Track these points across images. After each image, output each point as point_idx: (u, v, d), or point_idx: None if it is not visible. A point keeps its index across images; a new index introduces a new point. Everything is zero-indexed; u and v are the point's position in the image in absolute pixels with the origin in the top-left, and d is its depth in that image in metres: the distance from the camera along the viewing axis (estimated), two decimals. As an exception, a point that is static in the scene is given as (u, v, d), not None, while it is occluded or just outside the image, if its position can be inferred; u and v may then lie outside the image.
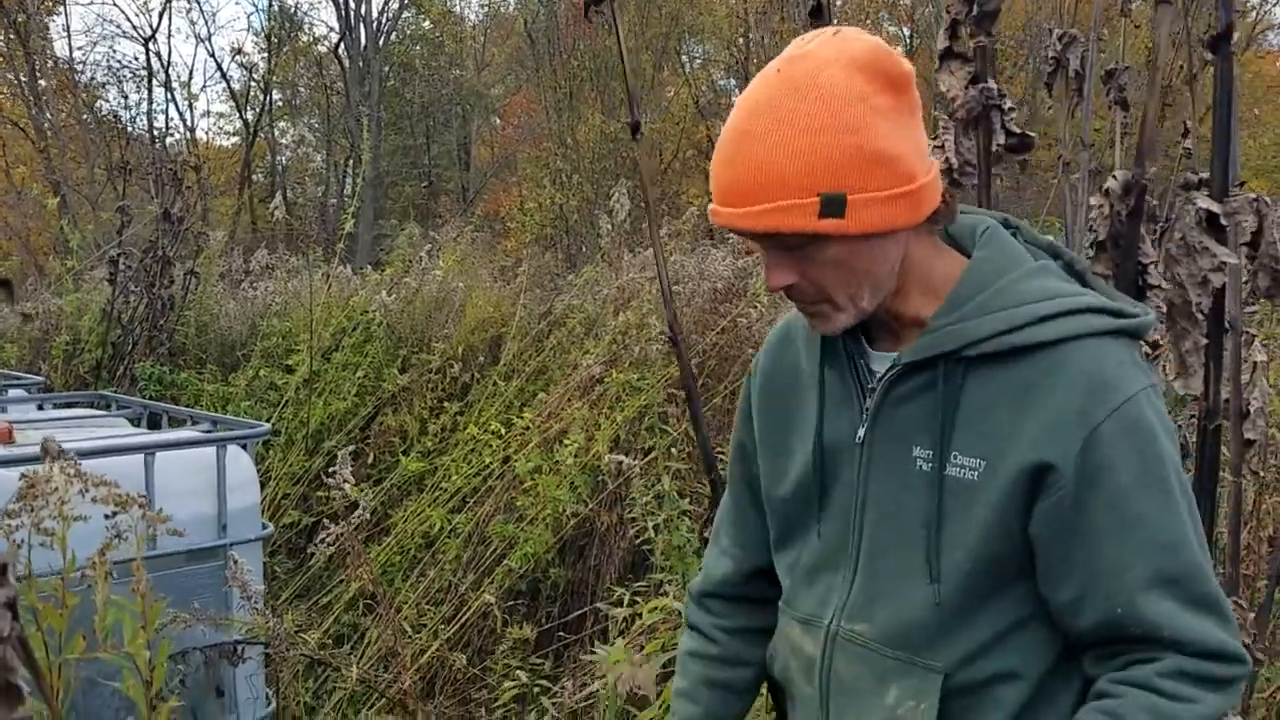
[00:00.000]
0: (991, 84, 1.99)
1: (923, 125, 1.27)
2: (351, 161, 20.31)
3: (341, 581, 5.03)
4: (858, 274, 1.25)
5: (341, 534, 2.55)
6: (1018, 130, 2.02)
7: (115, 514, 1.17)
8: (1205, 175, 1.96)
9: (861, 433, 1.33)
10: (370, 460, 6.13)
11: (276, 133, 22.66)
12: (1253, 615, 2.13)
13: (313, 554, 5.24)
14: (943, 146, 1.94)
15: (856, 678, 1.33)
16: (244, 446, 3.36)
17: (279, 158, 23.05)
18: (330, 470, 2.75)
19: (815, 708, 1.38)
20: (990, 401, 1.24)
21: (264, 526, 3.37)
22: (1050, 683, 1.29)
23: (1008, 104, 2.03)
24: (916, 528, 1.27)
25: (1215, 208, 1.87)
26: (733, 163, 1.21)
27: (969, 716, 1.28)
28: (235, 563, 2.61)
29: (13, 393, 4.66)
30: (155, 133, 18.09)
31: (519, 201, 13.65)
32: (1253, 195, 1.92)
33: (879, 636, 1.31)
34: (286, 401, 6.47)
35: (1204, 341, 1.91)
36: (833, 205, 1.18)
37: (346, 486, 2.59)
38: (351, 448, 3.42)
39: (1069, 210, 3.00)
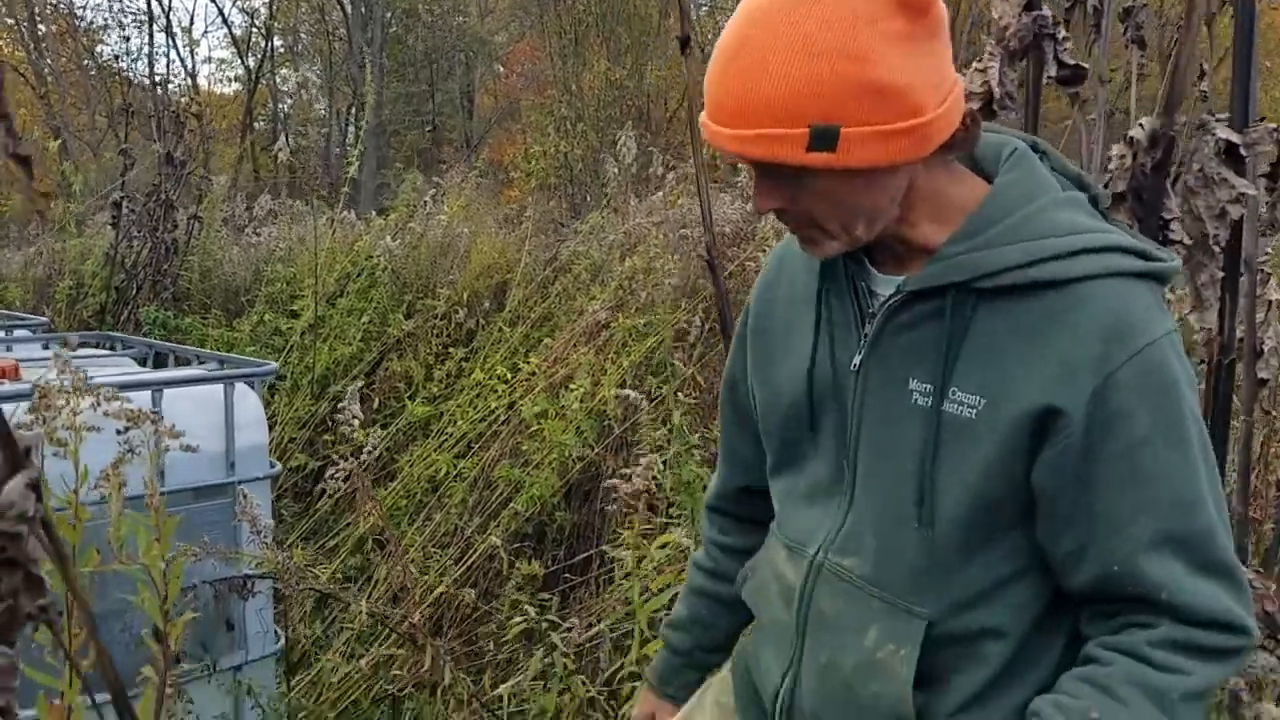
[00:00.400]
0: (1046, 11, 1.93)
1: (946, 46, 1.16)
2: (354, 110, 20.15)
3: (348, 525, 5.06)
4: (850, 206, 1.17)
5: (351, 470, 2.55)
6: (1071, 62, 1.96)
7: (128, 429, 1.17)
8: (1222, 116, 1.94)
9: (858, 360, 1.26)
10: (376, 405, 6.14)
11: (278, 80, 22.47)
12: (1275, 586, 2.11)
13: (320, 496, 5.28)
14: (985, 71, 1.88)
15: (839, 613, 1.28)
16: (251, 385, 3.36)
17: (281, 105, 22.87)
18: (340, 406, 2.75)
19: (790, 636, 1.35)
20: (1000, 337, 1.17)
21: (272, 465, 3.38)
22: (1034, 642, 1.24)
23: (1061, 33, 1.96)
24: (910, 464, 1.21)
25: (1235, 138, 1.84)
26: (723, 77, 1.13)
27: (953, 669, 1.24)
28: (245, 497, 2.62)
29: (18, 332, 4.66)
30: (156, 78, 17.92)
31: (523, 148, 13.56)
32: (1273, 126, 1.90)
33: (867, 574, 1.26)
34: (291, 347, 6.47)
35: (1220, 275, 1.89)
36: (824, 138, 1.09)
37: (355, 423, 2.59)
38: (359, 384, 3.42)
39: (1084, 149, 2.97)
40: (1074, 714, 1.14)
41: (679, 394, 4.22)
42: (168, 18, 18.76)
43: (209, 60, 42.43)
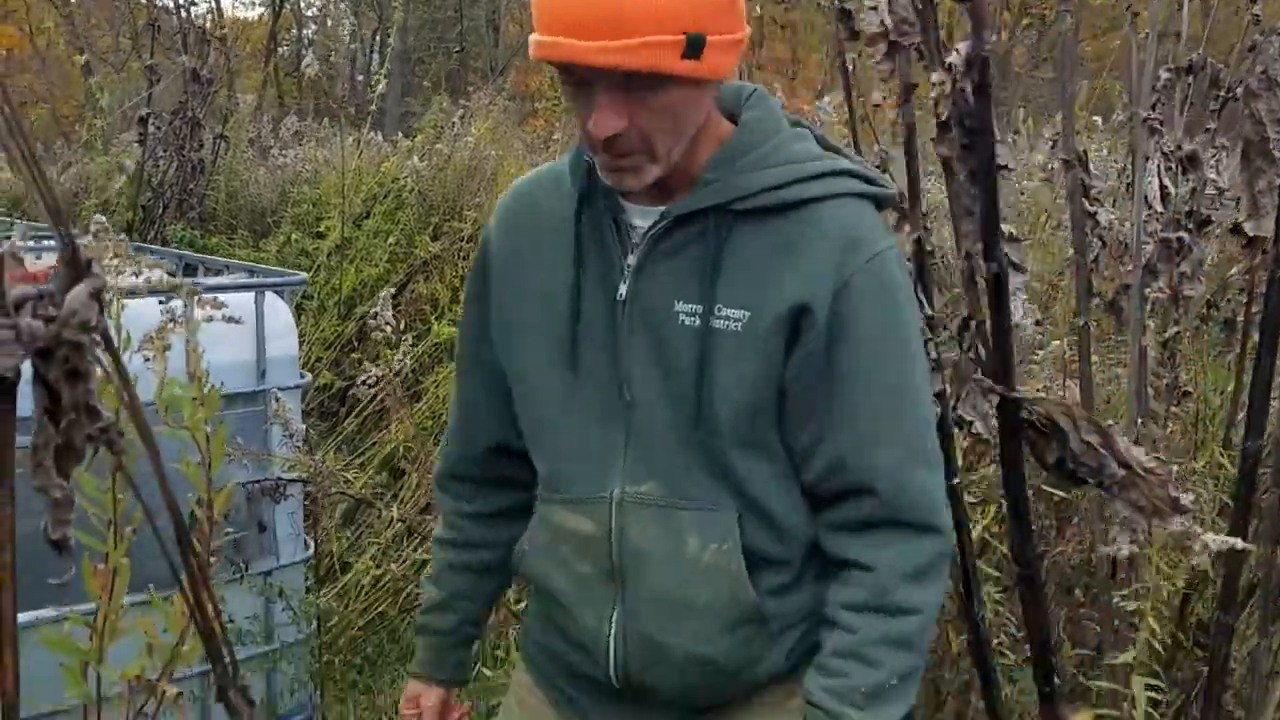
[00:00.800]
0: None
1: None
2: (379, 35, 19.95)
3: (374, 444, 5.09)
4: (683, 122, 1.23)
5: (383, 376, 2.55)
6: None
7: (168, 299, 1.16)
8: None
9: (624, 290, 1.31)
10: (402, 327, 6.13)
11: (303, 4, 22.24)
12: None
13: (347, 415, 5.31)
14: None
15: (653, 539, 1.32)
16: (281, 295, 3.35)
17: (305, 31, 22.66)
18: (372, 313, 2.74)
19: (600, 587, 1.37)
20: (754, 255, 1.28)
21: (302, 376, 3.38)
22: (811, 545, 1.36)
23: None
24: (685, 383, 1.28)
25: (1302, 39, 1.78)
26: None
27: (759, 565, 1.32)
28: (277, 401, 2.62)
29: (48, 241, 4.67)
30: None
31: (550, 76, 13.41)
32: (1341, 28, 1.84)
33: (666, 493, 1.32)
34: (318, 267, 6.47)
35: (1279, 182, 1.84)
36: (695, 46, 1.15)
37: (388, 329, 2.58)
38: (392, 289, 3.41)
39: (1134, 69, 2.89)
40: (847, 696, 1.27)
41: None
42: (191, -62, 18.53)
43: (232, -16, 42.01)
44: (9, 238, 4.12)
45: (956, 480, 2.07)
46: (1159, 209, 2.42)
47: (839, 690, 1.28)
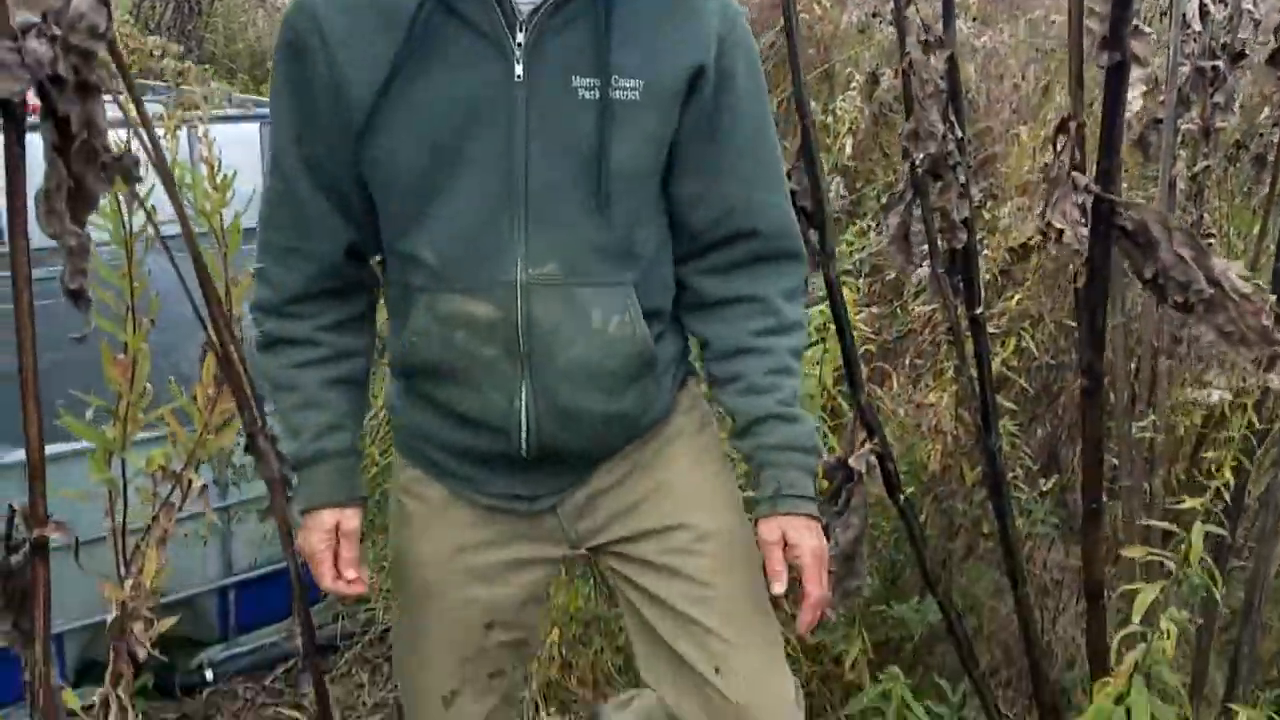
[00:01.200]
0: None
1: None
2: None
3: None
4: None
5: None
6: None
7: (178, 85, 1.11)
8: None
9: (520, 70, 1.30)
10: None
11: None
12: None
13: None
14: None
15: (560, 317, 1.36)
16: (286, 128, 3.26)
17: None
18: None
19: (503, 365, 1.37)
20: (637, 25, 1.32)
21: (310, 213, 3.32)
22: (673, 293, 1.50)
23: None
24: (586, 158, 1.32)
25: None
26: None
27: (651, 318, 1.42)
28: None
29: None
30: None
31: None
32: None
33: (568, 270, 1.35)
34: (321, 112, 6.33)
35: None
36: None
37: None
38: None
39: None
40: (789, 401, 1.46)
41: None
42: None
43: None
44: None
45: (980, 311, 2.05)
46: (1197, 28, 2.32)
47: (784, 399, 1.47)
